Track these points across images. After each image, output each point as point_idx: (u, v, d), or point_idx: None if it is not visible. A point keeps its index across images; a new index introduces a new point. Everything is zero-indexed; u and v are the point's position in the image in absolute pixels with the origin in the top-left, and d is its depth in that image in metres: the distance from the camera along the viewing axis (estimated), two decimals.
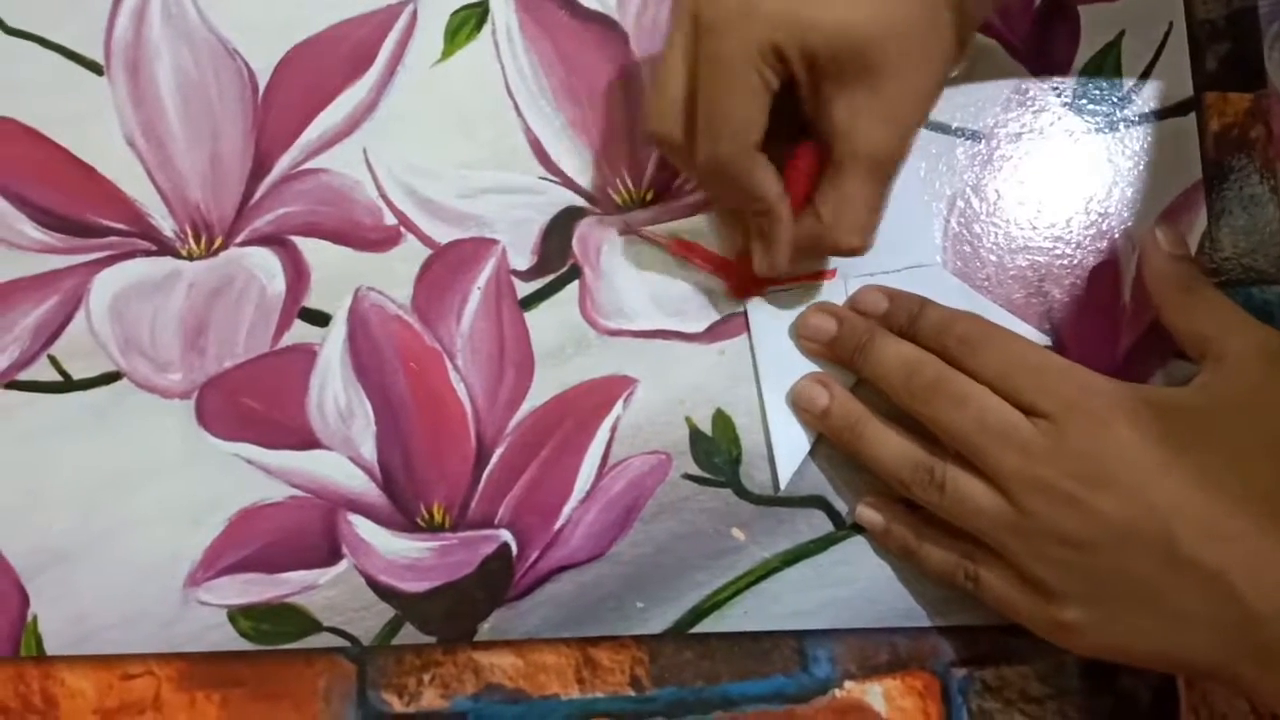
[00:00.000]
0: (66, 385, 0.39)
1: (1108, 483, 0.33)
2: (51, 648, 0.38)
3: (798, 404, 0.38)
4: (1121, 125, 0.40)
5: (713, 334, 0.39)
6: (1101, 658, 0.34)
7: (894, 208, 0.39)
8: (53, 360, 0.39)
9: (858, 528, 0.38)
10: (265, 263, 0.39)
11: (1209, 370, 0.35)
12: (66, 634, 0.38)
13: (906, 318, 0.37)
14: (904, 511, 0.37)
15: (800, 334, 0.38)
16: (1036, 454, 0.33)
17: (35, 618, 0.38)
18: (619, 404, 0.39)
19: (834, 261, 0.39)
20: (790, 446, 0.38)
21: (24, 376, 0.39)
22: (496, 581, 0.38)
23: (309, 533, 0.38)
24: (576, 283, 0.39)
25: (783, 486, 0.38)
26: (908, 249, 0.39)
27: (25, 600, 0.38)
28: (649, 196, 0.40)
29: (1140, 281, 0.39)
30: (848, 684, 0.38)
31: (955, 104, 0.40)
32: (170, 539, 0.38)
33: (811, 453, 0.38)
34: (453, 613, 0.38)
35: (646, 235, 0.39)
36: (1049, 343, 0.39)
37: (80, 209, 0.39)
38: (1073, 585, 0.33)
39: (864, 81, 0.33)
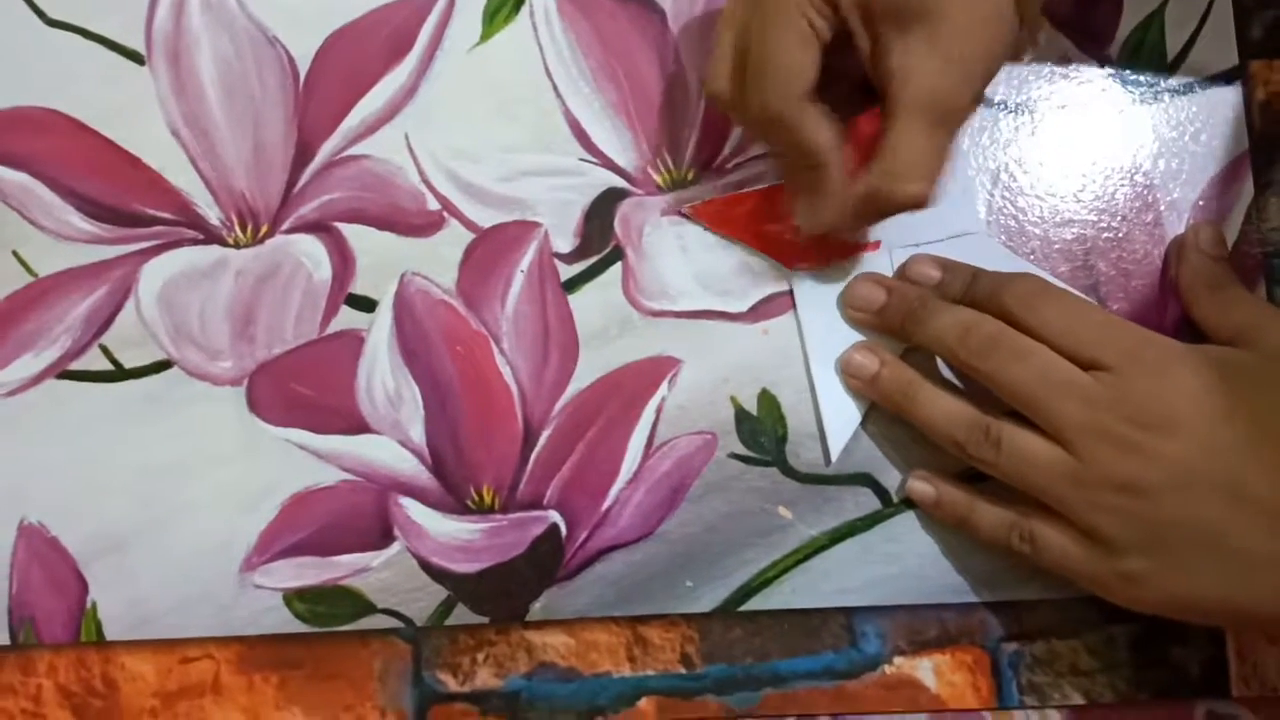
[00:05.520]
0: (118, 374, 0.39)
1: (1170, 427, 0.33)
2: (111, 633, 0.38)
3: (847, 373, 0.38)
4: (1166, 96, 0.40)
5: (756, 313, 0.39)
6: (1163, 612, 0.34)
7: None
8: (104, 350, 0.39)
9: (906, 504, 0.38)
10: (311, 250, 0.39)
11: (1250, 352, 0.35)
12: (125, 619, 0.38)
13: (960, 286, 0.37)
14: (955, 481, 0.37)
15: (848, 305, 0.38)
16: (1098, 403, 0.33)
17: (94, 604, 0.38)
18: (664, 385, 0.39)
19: (877, 233, 0.39)
20: (841, 420, 0.38)
21: (76, 366, 0.39)
22: (547, 561, 0.38)
23: (361, 516, 0.38)
24: (619, 264, 0.39)
25: (833, 459, 0.38)
26: (950, 223, 0.39)
27: (84, 587, 0.38)
28: (690, 176, 0.40)
29: None
30: (897, 660, 0.38)
31: (998, 76, 0.40)
32: (225, 524, 0.38)
33: (859, 430, 0.38)
34: (504, 593, 0.38)
35: (688, 214, 0.39)
36: None
37: (126, 199, 0.40)
38: (1134, 534, 0.33)
39: (922, 25, 0.32)
